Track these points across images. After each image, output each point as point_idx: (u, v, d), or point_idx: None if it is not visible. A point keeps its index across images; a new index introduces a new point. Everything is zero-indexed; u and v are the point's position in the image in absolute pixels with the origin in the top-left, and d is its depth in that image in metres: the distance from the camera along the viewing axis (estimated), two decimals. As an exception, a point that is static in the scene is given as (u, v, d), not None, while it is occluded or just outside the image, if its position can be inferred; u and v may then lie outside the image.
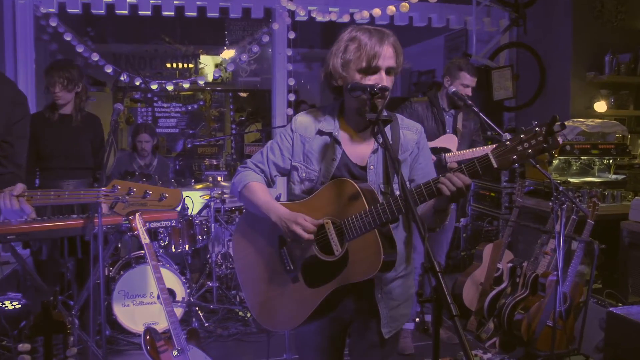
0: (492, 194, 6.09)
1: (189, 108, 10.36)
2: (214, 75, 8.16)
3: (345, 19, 6.20)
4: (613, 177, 5.30)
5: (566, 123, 5.36)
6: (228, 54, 7.72)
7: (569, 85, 5.94)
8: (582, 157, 5.22)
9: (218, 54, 9.05)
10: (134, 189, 2.20)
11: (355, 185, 2.12)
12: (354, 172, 2.24)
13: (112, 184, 2.18)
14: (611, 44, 5.90)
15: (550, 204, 3.97)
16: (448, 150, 4.25)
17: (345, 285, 2.14)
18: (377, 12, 6.16)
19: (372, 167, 2.23)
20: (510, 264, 4.54)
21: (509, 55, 6.77)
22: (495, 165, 1.89)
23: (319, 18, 6.22)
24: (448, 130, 4.39)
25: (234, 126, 10.42)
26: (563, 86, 6.03)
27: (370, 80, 2.11)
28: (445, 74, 4.42)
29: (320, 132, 2.28)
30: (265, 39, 6.33)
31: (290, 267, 2.26)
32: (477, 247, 5.09)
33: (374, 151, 2.25)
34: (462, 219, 6.46)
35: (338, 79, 2.18)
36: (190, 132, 10.31)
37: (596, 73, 5.89)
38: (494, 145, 1.93)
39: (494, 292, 4.65)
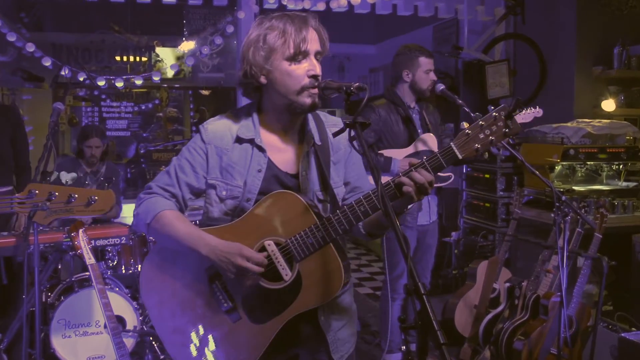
0: (487, 205, 6.13)
1: (142, 108, 10.29)
2: (171, 71, 8.10)
3: (320, 7, 6.23)
4: (623, 184, 5.37)
5: (570, 124, 5.43)
6: (187, 46, 7.68)
7: (573, 81, 6.01)
8: (588, 163, 5.28)
9: (176, 46, 9.01)
10: (56, 193, 2.14)
11: (299, 197, 2.11)
12: (286, 182, 2.24)
13: (29, 189, 2.13)
14: (621, 34, 5.95)
15: (553, 215, 3.99)
16: (431, 153, 4.25)
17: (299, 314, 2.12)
18: (355, -1, 6.20)
19: (304, 173, 2.23)
20: (507, 284, 4.56)
21: (505, 48, 6.84)
22: (459, 156, 2.01)
23: (291, 6, 6.23)
24: (420, 130, 4.40)
25: (194, 128, 10.36)
26: (566, 83, 6.10)
27: (301, 67, 2.13)
28: (402, 68, 4.43)
29: (239, 140, 2.24)
30: (230, 29, 6.32)
31: (227, 304, 2.20)
32: (470, 264, 5.10)
33: (305, 155, 2.25)
34: (453, 233, 6.49)
35: (261, 76, 2.17)
36: (144, 135, 10.25)
37: (604, 67, 5.95)
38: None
39: (489, 316, 4.67)
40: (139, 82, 6.38)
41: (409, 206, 2.14)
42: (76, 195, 2.18)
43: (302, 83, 2.13)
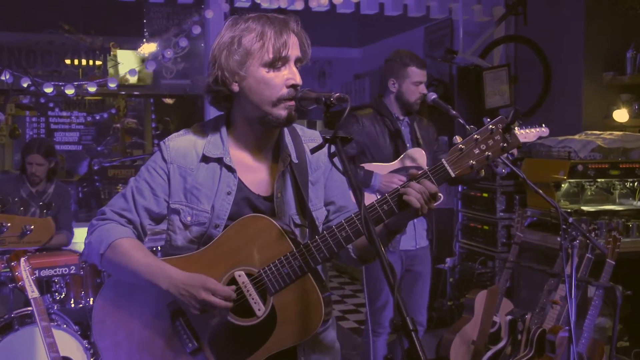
0: (486, 227, 6.14)
1: (96, 118, 10.24)
2: (129, 76, 8.09)
3: (298, 5, 6.25)
4: (638, 204, 5.40)
5: (578, 136, 5.46)
6: (148, 48, 7.68)
7: (581, 88, 6.05)
8: (599, 180, 5.31)
9: (135, 48, 8.98)
10: (-22, 223, 2.10)
11: (274, 222, 2.12)
12: (258, 206, 2.24)
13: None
14: (634, 36, 5.99)
15: (559, 239, 4.00)
16: (419, 169, 4.26)
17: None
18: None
19: (279, 195, 2.24)
20: (509, 317, 4.56)
21: (505, 52, 6.90)
22: (452, 173, 2.02)
23: (265, 5, 6.25)
24: (408, 145, 4.42)
25: (156, 141, 10.33)
26: (573, 90, 6.14)
27: (280, 75, 2.14)
28: (389, 76, 4.46)
29: (205, 159, 2.25)
30: (196, 30, 6.32)
31: (192, 344, 2.19)
32: (467, 294, 5.11)
33: (281, 174, 2.25)
34: (447, 260, 6.50)
35: (233, 83, 2.17)
36: (98, 149, 10.20)
37: (615, 73, 5.98)
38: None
39: (490, 353, 4.66)
40: (92, 89, 6.36)
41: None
42: (8, 224, 2.13)
43: (279, 93, 2.14)
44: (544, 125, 4.34)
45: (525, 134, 4.32)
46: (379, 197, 4.05)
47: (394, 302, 1.62)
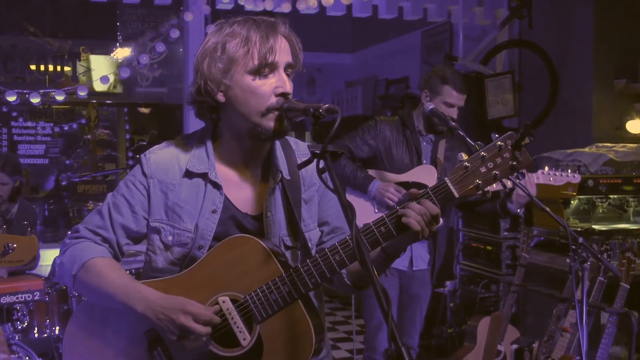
0: (489, 248, 6.14)
1: (65, 129, 10.21)
2: (101, 84, 8.06)
3: (285, 8, 6.26)
4: (655, 222, 5.41)
5: (588, 149, 5.47)
6: (122, 53, 7.68)
7: (591, 97, 6.07)
8: (611, 196, 5.32)
9: (108, 53, 8.99)
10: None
11: (262, 243, 2.12)
12: (246, 226, 2.25)
13: None
14: (647, 41, 6.02)
15: (568, 261, 4.00)
16: (425, 186, 4.29)
17: None
18: None
19: (269, 214, 2.24)
20: (515, 345, 4.55)
21: (508, 58, 6.92)
22: (456, 194, 2.03)
23: (249, 7, 6.25)
24: (425, 161, 4.47)
25: (131, 154, 10.31)
26: (583, 99, 6.16)
27: (268, 83, 2.14)
28: (424, 87, 4.51)
29: (189, 174, 2.26)
30: (175, 34, 6.31)
31: None
32: (468, 321, 5.10)
33: (271, 192, 2.26)
34: (447, 283, 6.48)
35: (218, 93, 2.18)
36: (67, 162, 10.17)
37: (628, 81, 6.00)
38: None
39: (494, 386, 4.65)
40: (60, 97, 6.33)
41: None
42: (-11, 243, 2.12)
43: (267, 102, 2.14)
44: (577, 172, 4.32)
45: (554, 178, 4.28)
46: (375, 204, 4.05)
47: (388, 331, 1.63)
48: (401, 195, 4.27)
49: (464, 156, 2.18)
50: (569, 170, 4.31)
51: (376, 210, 4.41)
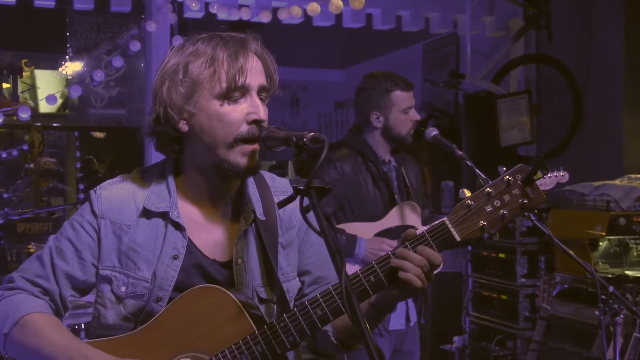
0: (503, 297, 6.11)
1: (3, 156, 10.17)
2: (47, 104, 8.04)
3: (264, 17, 6.24)
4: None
5: (619, 181, 5.46)
6: (72, 68, 7.67)
7: (621, 121, 6.07)
8: (646, 237, 5.30)
9: (55, 68, 8.98)
10: None
11: (231, 295, 2.12)
12: (213, 275, 2.25)
13: None
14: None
15: (597, 313, 3.98)
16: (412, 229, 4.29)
17: None
18: (313, 7, 6.23)
19: (240, 261, 2.24)
20: (536, 414, 4.52)
21: (524, 76, 6.95)
22: (457, 237, 2.04)
23: (222, 15, 6.23)
24: (396, 195, 4.42)
25: (82, 187, 10.27)
26: (612, 123, 6.17)
27: (238, 109, 2.15)
28: (368, 109, 4.45)
29: (146, 213, 2.26)
30: (135, 46, 6.31)
31: None
32: (481, 385, 5.07)
33: (242, 235, 2.26)
34: (455, 338, 6.45)
35: (180, 121, 2.18)
36: (4, 196, 10.16)
37: (663, 101, 6.03)
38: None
39: None
40: (-2, 119, 6.31)
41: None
42: None
43: (237, 131, 2.15)
44: (561, 168, 4.33)
45: (542, 181, 4.29)
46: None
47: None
48: None
49: (467, 193, 2.18)
50: (553, 171, 4.32)
51: None
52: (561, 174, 4.31)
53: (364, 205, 4.35)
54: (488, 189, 2.02)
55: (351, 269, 4.26)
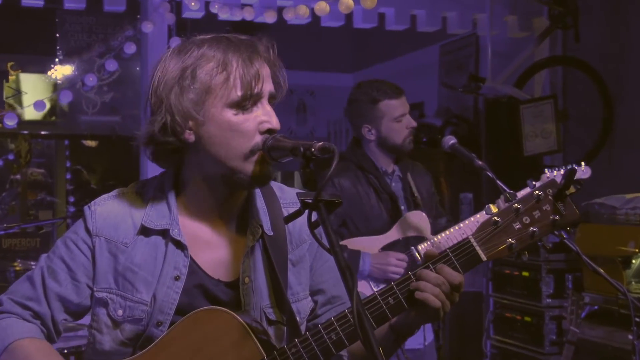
0: (527, 319, 6.10)
1: (-13, 166, 10.23)
2: (35, 110, 8.05)
3: (269, 18, 6.25)
4: None
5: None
6: (62, 72, 7.68)
7: (655, 128, 6.07)
8: (685, 254, 5.28)
9: (44, 71, 8.99)
10: None
11: (237, 317, 2.12)
12: (217, 296, 2.25)
13: None
14: None
15: (631, 337, 3.96)
16: (422, 240, 4.33)
17: None
18: (322, 7, 6.25)
19: (247, 280, 2.24)
20: None
21: (549, 79, 6.95)
22: (483, 256, 2.06)
23: (224, 15, 6.25)
24: (402, 207, 4.45)
25: (72, 199, 10.29)
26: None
27: (251, 119, 2.14)
28: (359, 122, 4.52)
29: (145, 231, 2.26)
30: (130, 49, 6.34)
31: None
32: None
33: (249, 252, 2.25)
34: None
35: (186, 131, 2.17)
36: (-11, 210, 10.15)
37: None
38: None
39: None
40: (-18, 127, 6.32)
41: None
42: None
43: (252, 142, 2.14)
44: (583, 164, 4.27)
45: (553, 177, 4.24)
46: (371, 284, 4.00)
47: None
48: (406, 264, 4.22)
49: (493, 208, 2.16)
50: (572, 166, 4.23)
51: (375, 289, 4.36)
52: (582, 169, 4.23)
53: (368, 219, 4.40)
54: (516, 204, 2.02)
55: (359, 285, 4.31)
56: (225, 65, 2.12)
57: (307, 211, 1.93)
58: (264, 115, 2.14)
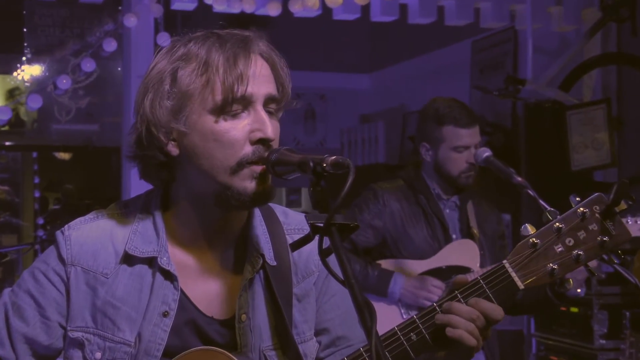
0: (577, 362, 6.09)
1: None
2: None
3: (272, 10, 6.26)
4: None
5: None
6: (30, 73, 7.72)
7: None
8: None
9: (9, 72, 9.04)
10: None
11: (234, 359, 2.12)
12: (211, 336, 2.25)
13: None
14: None
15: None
16: (466, 270, 4.36)
17: None
18: (334, -2, 6.26)
19: (245, 317, 2.23)
20: None
21: (601, 81, 6.94)
22: (520, 284, 2.05)
23: (220, 7, 6.26)
24: (454, 236, 4.51)
25: (41, 221, 10.31)
26: None
27: (239, 126, 2.13)
28: (421, 138, 4.61)
29: (128, 259, 2.25)
30: (110, 46, 6.36)
31: None
32: None
33: (247, 285, 2.25)
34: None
35: (168, 143, 2.17)
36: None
37: None
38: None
39: None
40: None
41: None
42: None
43: (240, 154, 2.13)
44: None
45: (633, 223, 4.25)
46: (402, 310, 4.03)
47: None
48: (442, 292, 4.23)
49: (530, 229, 2.16)
50: None
51: (405, 316, 4.37)
52: None
53: (410, 242, 4.48)
54: (558, 223, 2.01)
55: (388, 309, 4.34)
56: (207, 65, 2.12)
57: (317, 237, 1.91)
58: (255, 123, 2.13)
